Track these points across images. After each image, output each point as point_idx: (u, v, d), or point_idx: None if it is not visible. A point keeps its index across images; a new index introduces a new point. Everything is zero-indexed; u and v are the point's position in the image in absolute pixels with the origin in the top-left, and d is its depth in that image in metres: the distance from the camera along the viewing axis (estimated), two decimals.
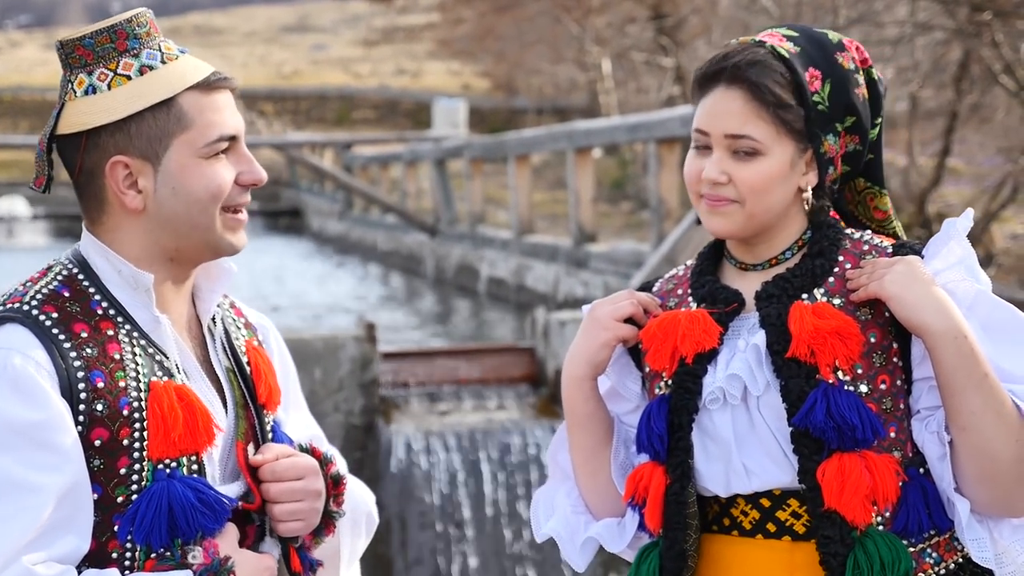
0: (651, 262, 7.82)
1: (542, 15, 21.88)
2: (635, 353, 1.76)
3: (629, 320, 1.71)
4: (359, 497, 1.82)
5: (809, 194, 1.66)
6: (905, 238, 1.73)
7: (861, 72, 1.67)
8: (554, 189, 18.38)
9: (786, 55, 1.63)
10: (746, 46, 1.65)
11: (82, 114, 1.56)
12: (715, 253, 1.75)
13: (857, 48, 1.67)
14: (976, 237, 9.83)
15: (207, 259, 1.63)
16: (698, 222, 1.77)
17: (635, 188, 17.76)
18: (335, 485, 1.70)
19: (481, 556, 6.06)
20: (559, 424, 1.86)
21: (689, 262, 1.79)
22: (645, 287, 1.80)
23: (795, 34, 1.66)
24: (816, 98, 1.62)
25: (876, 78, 1.68)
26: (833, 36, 1.67)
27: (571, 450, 1.77)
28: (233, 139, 1.60)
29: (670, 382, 1.68)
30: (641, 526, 1.72)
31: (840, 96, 1.64)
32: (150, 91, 1.55)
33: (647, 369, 1.73)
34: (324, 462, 1.69)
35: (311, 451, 1.70)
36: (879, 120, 1.70)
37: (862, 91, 1.66)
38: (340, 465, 1.74)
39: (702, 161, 1.65)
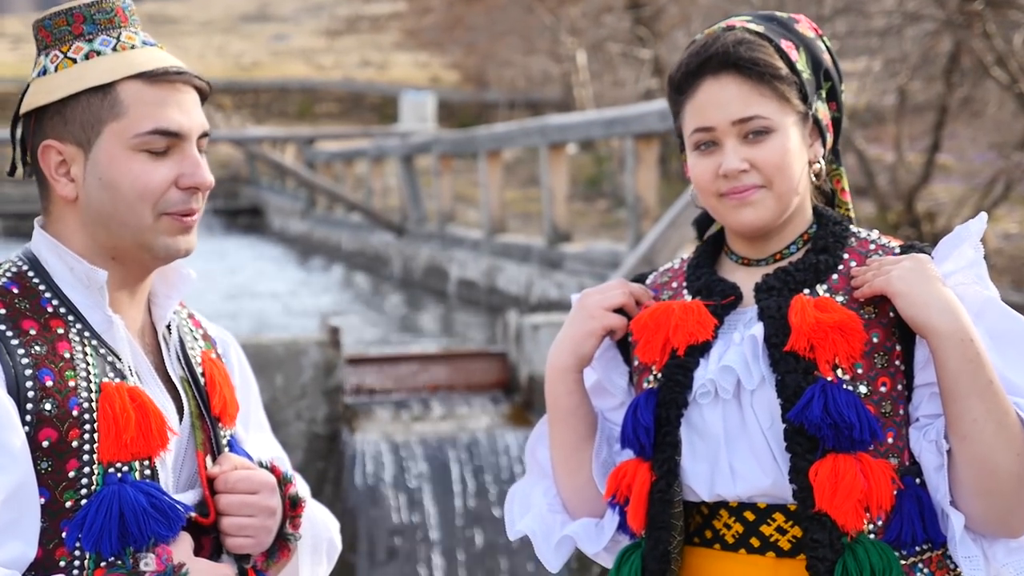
0: (628, 263, 7.56)
1: (514, 4, 21.78)
2: (624, 347, 1.73)
3: (620, 311, 1.68)
4: (321, 523, 1.76)
5: (821, 165, 1.65)
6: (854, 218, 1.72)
7: (819, 39, 1.68)
8: (527, 187, 18.21)
9: (760, 31, 1.63)
10: (717, 33, 1.63)
11: (31, 95, 1.56)
12: (714, 247, 1.71)
13: (806, 19, 1.69)
14: None
15: (150, 262, 1.57)
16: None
17: (611, 186, 17.64)
18: (292, 506, 1.65)
19: (450, 571, 5.86)
20: (532, 433, 1.80)
21: (685, 255, 1.75)
22: (638, 279, 1.77)
23: (749, 17, 1.66)
24: (800, 66, 1.63)
25: (829, 45, 1.69)
26: (781, 14, 1.68)
27: (551, 446, 1.73)
28: (176, 137, 1.54)
29: (659, 375, 1.64)
30: (621, 527, 1.68)
31: (815, 62, 1.65)
32: (88, 75, 1.53)
33: (636, 363, 1.70)
34: (283, 481, 1.65)
35: (271, 469, 1.65)
36: (843, 87, 1.70)
37: (827, 57, 1.68)
38: (301, 488, 1.70)
39: (712, 159, 1.61)
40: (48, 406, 1.46)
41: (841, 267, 1.62)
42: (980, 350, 1.52)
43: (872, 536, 1.56)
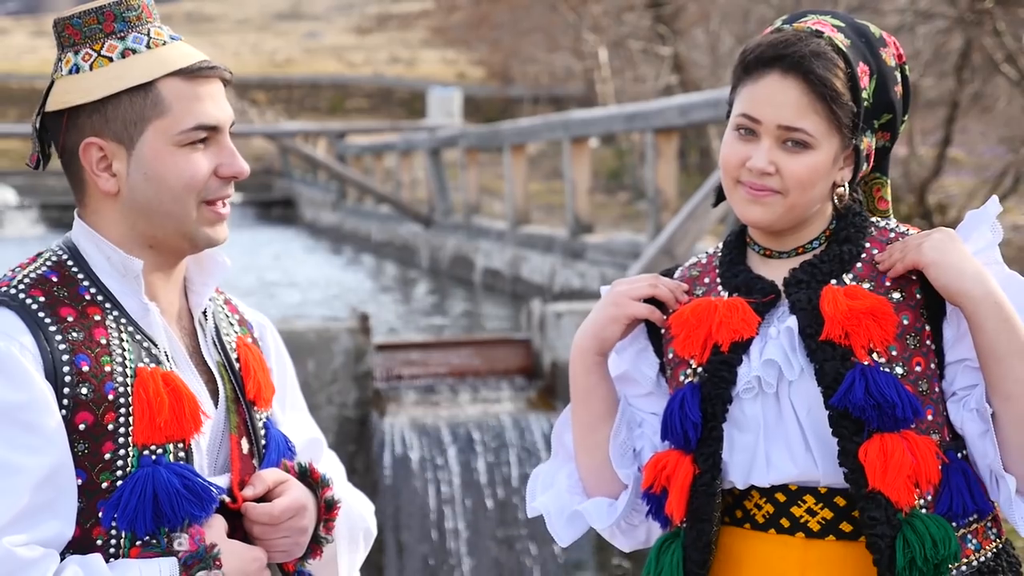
0: (648, 253, 7.70)
1: (538, 2, 21.83)
2: (655, 340, 1.75)
3: (651, 301, 1.70)
4: (357, 513, 1.78)
5: (844, 190, 1.65)
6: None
7: (898, 69, 1.66)
8: (550, 179, 18.37)
9: (843, 48, 1.61)
10: (803, 34, 1.62)
11: (64, 93, 1.56)
12: (739, 240, 1.73)
13: (895, 44, 1.66)
14: None
15: (187, 251, 1.61)
16: (716, 200, 1.75)
17: (632, 178, 17.75)
18: (327, 510, 1.67)
19: (476, 552, 6.01)
20: (555, 417, 1.86)
21: (710, 250, 1.77)
22: (667, 274, 1.78)
23: (842, 24, 1.64)
24: (864, 95, 1.62)
25: (907, 75, 1.67)
26: (875, 30, 1.65)
27: (572, 424, 1.76)
28: (214, 130, 1.58)
29: (700, 370, 1.65)
30: (654, 515, 1.69)
31: (882, 93, 1.63)
32: (128, 74, 1.55)
33: (671, 355, 1.71)
34: (321, 484, 1.67)
35: (309, 471, 1.67)
36: (906, 117, 1.69)
37: (899, 88, 1.66)
38: (337, 487, 1.70)
39: (746, 147, 1.62)
40: (84, 390, 1.49)
41: (864, 256, 1.64)
42: (1012, 312, 1.54)
43: (924, 511, 1.57)
